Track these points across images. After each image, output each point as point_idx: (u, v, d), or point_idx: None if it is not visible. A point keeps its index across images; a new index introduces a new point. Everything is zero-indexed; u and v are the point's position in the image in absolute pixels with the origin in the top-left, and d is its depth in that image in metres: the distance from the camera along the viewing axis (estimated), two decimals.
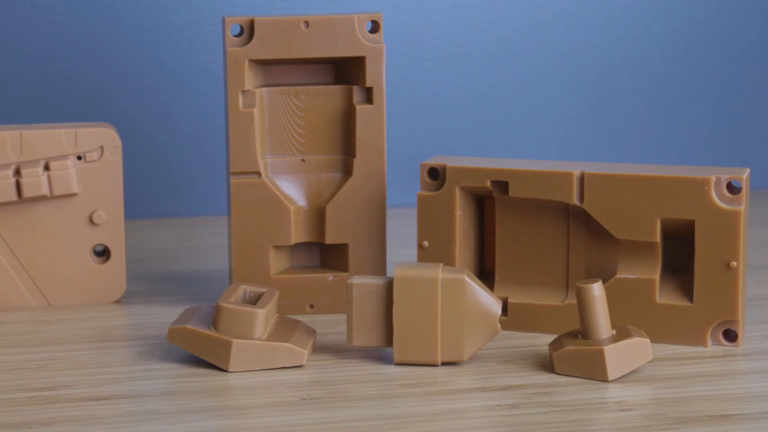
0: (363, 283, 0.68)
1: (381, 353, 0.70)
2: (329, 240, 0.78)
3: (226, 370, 0.67)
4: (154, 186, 1.04)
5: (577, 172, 0.71)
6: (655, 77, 1.09)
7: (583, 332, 0.66)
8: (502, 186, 0.72)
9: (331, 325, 0.75)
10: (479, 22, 1.07)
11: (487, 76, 1.07)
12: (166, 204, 1.05)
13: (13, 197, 0.78)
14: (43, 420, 0.61)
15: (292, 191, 0.78)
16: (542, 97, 1.08)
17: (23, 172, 0.78)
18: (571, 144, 1.09)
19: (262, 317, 0.68)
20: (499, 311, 0.67)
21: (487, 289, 0.68)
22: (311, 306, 0.78)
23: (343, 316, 0.75)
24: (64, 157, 0.79)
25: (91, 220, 0.80)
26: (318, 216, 0.78)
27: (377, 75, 0.77)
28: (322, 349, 0.71)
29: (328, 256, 0.79)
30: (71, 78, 1.02)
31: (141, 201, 1.01)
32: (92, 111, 1.01)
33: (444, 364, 0.68)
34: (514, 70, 1.07)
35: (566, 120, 1.09)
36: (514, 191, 0.72)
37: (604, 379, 0.65)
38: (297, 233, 0.78)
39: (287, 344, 0.68)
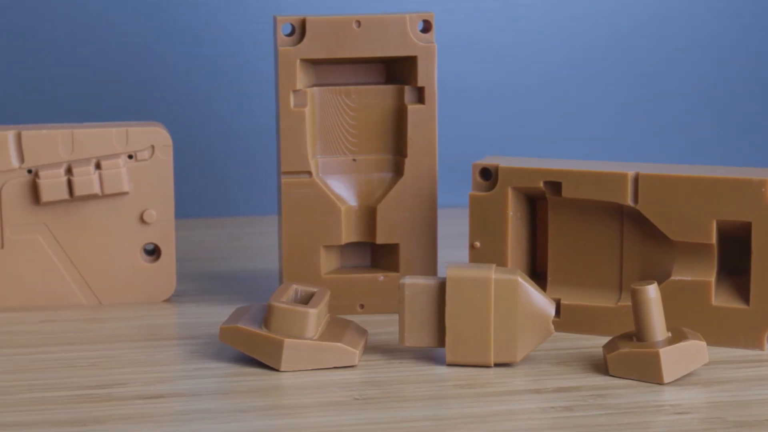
0: (415, 283, 0.68)
1: (432, 354, 0.69)
2: (380, 240, 0.77)
3: (277, 370, 0.67)
4: (202, 185, 1.05)
5: (631, 173, 0.70)
6: (705, 77, 1.09)
7: (638, 334, 0.66)
8: (555, 186, 0.72)
9: (381, 325, 0.74)
10: (529, 22, 1.06)
11: (538, 75, 1.07)
12: (214, 203, 1.05)
13: (65, 196, 0.79)
14: (97, 418, 0.61)
15: (343, 191, 0.78)
16: (592, 96, 1.08)
17: (75, 170, 0.78)
18: (620, 144, 1.08)
19: (314, 317, 0.68)
20: (553, 312, 0.67)
21: (541, 290, 0.68)
22: (361, 306, 0.78)
23: (394, 317, 0.75)
24: (116, 155, 0.79)
25: (141, 219, 0.80)
26: (369, 216, 0.78)
27: (429, 75, 0.76)
28: (373, 349, 0.71)
29: (378, 256, 0.79)
30: (121, 77, 1.03)
31: (189, 200, 1.01)
32: (141, 110, 1.01)
33: (496, 365, 0.67)
34: (565, 70, 1.07)
35: (616, 120, 1.08)
36: (567, 192, 0.71)
37: (659, 381, 0.64)
38: (348, 233, 0.78)
39: (339, 344, 0.68)
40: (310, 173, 0.77)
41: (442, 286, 0.67)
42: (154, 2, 1.02)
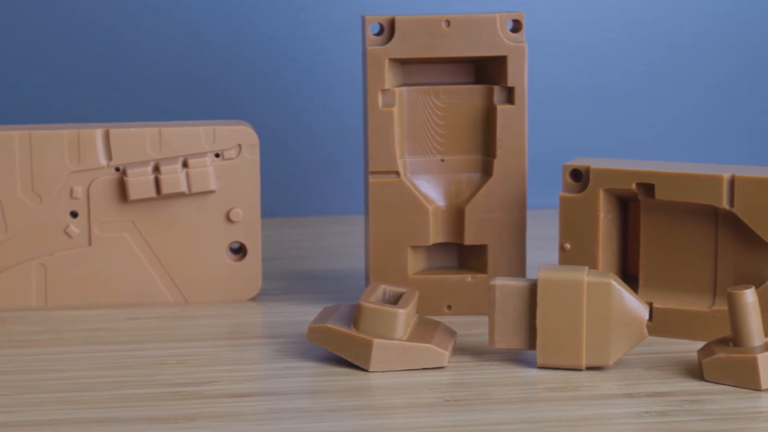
0: (506, 284, 0.67)
1: (522, 356, 0.69)
2: (468, 241, 0.77)
3: (366, 370, 0.67)
4: (287, 184, 1.05)
5: (727, 176, 0.69)
6: None
7: (734, 339, 0.64)
8: (648, 188, 0.71)
9: (469, 327, 0.74)
10: (618, 20, 1.05)
11: (628, 75, 1.06)
12: (298, 202, 1.05)
13: (152, 194, 0.79)
14: (188, 415, 0.61)
15: (431, 191, 0.78)
16: (684, 96, 1.06)
17: (162, 168, 0.79)
18: (713, 145, 1.07)
19: (403, 317, 0.68)
20: (647, 316, 0.66)
21: (634, 293, 0.67)
22: (449, 307, 0.77)
23: (482, 318, 0.74)
24: (203, 154, 0.79)
25: (228, 218, 0.80)
26: (457, 216, 0.77)
27: (519, 75, 0.76)
28: (462, 350, 0.70)
29: (466, 256, 0.78)
30: (206, 77, 1.03)
31: (273, 199, 1.01)
32: (226, 109, 1.02)
33: (588, 368, 0.67)
34: (655, 69, 1.06)
35: (708, 120, 1.07)
36: (660, 194, 0.71)
37: (756, 387, 0.63)
38: (435, 233, 0.77)
39: (429, 345, 0.67)
40: (397, 173, 0.77)
41: (533, 288, 0.67)
42: (240, 3, 1.03)
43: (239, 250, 0.81)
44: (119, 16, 1.02)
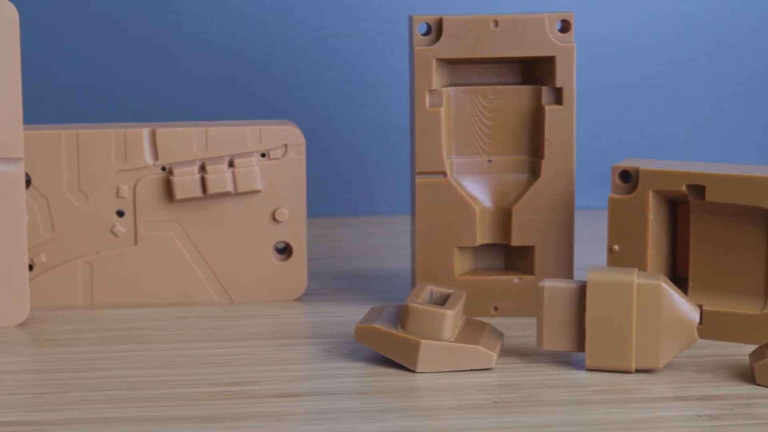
0: (555, 286, 0.67)
1: (570, 358, 0.68)
2: (515, 242, 0.77)
3: (413, 371, 0.67)
4: (331, 184, 1.05)
5: None
6: None
7: None
8: (699, 190, 0.70)
9: (516, 328, 0.74)
10: (667, 21, 1.05)
11: (676, 76, 1.05)
12: (343, 202, 1.05)
13: (198, 193, 0.79)
14: (236, 415, 0.61)
15: (478, 192, 0.77)
16: (733, 97, 1.06)
17: (208, 168, 0.79)
18: (763, 147, 1.06)
19: (451, 318, 0.67)
20: (697, 319, 0.65)
21: (684, 295, 0.66)
22: (495, 308, 0.77)
23: (529, 319, 0.74)
24: (249, 154, 0.79)
25: (273, 218, 0.80)
26: (504, 217, 0.77)
27: (568, 75, 0.75)
28: (509, 352, 0.70)
29: (513, 258, 0.78)
30: (252, 77, 1.03)
31: (318, 199, 1.01)
32: (271, 109, 1.02)
33: (637, 371, 0.66)
34: (705, 70, 1.05)
35: (756, 121, 1.06)
36: (711, 195, 0.70)
37: None
38: (482, 234, 0.77)
39: (476, 346, 0.67)
40: (444, 173, 0.76)
41: (582, 290, 0.66)
42: (284, 4, 1.03)
43: (285, 250, 0.81)
44: (166, 17, 1.03)
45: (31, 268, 0.79)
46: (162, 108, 1.03)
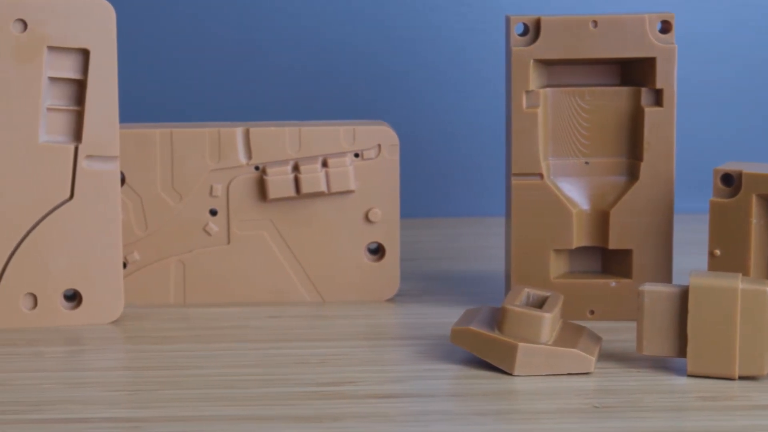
0: (655, 290, 0.66)
1: (671, 363, 0.67)
2: (613, 245, 0.76)
3: (510, 374, 0.66)
4: (423, 185, 1.04)
5: None
6: None
7: None
8: None
9: (614, 332, 0.73)
10: (764, 21, 1.03)
11: None
12: (434, 203, 1.05)
13: (292, 193, 0.79)
14: (333, 415, 0.61)
15: (575, 194, 0.76)
16: None
17: (302, 168, 0.78)
18: None
19: (549, 321, 0.67)
20: None
21: None
22: (592, 312, 0.76)
23: (626, 324, 0.73)
24: (342, 154, 0.79)
25: (366, 218, 0.80)
26: (601, 220, 0.76)
27: (668, 77, 0.74)
28: (607, 356, 0.69)
29: (610, 261, 0.77)
30: (345, 77, 1.03)
31: (409, 200, 1.01)
32: (363, 109, 1.02)
33: (741, 378, 0.65)
34: None
35: None
36: None
37: None
38: (579, 237, 0.76)
39: (575, 350, 0.66)
40: (541, 175, 0.76)
41: (684, 295, 0.65)
42: (375, 4, 1.02)
43: (377, 251, 0.81)
44: (257, 18, 1.03)
45: (124, 265, 0.79)
46: (255, 107, 1.03)
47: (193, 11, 1.03)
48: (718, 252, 0.71)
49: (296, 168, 0.79)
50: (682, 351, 0.66)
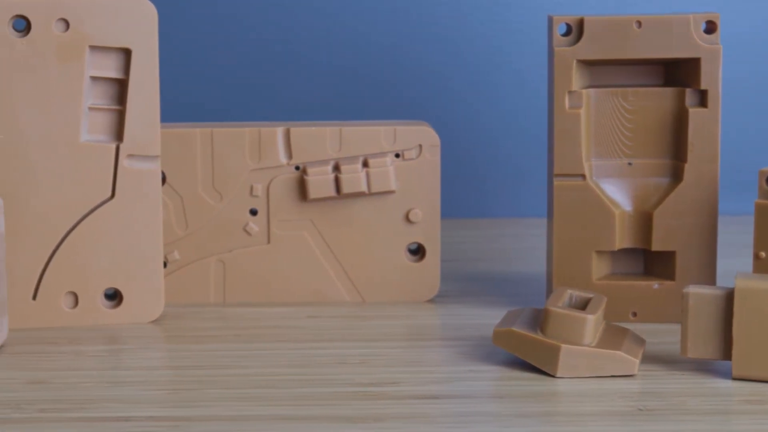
0: (700, 292, 0.65)
1: (715, 366, 0.67)
2: (656, 247, 0.75)
3: (553, 375, 0.66)
4: (463, 185, 1.04)
5: None
6: None
7: None
8: None
9: (657, 335, 0.72)
10: None
11: None
12: (474, 204, 1.05)
13: (332, 193, 0.79)
14: (375, 415, 0.61)
15: (617, 195, 0.76)
16: None
17: (342, 168, 0.78)
18: None
19: (592, 323, 0.66)
20: None
21: None
22: (634, 314, 0.75)
23: (669, 326, 0.72)
24: (383, 154, 0.79)
25: (407, 218, 0.80)
26: (644, 221, 0.75)
27: (713, 77, 0.74)
28: (650, 358, 0.68)
29: (652, 263, 0.76)
30: (385, 78, 1.03)
31: (449, 200, 1.00)
32: (404, 110, 1.02)
33: None
34: None
35: None
36: None
37: None
38: (621, 238, 0.76)
39: (618, 352, 0.66)
40: (583, 176, 0.75)
41: (729, 297, 0.65)
42: (416, 6, 1.02)
43: (417, 251, 0.80)
44: (299, 18, 1.03)
45: (165, 264, 0.79)
46: (296, 107, 1.03)
47: (234, 11, 1.03)
48: (763, 254, 0.71)
49: (337, 168, 0.79)
50: (726, 354, 0.65)
